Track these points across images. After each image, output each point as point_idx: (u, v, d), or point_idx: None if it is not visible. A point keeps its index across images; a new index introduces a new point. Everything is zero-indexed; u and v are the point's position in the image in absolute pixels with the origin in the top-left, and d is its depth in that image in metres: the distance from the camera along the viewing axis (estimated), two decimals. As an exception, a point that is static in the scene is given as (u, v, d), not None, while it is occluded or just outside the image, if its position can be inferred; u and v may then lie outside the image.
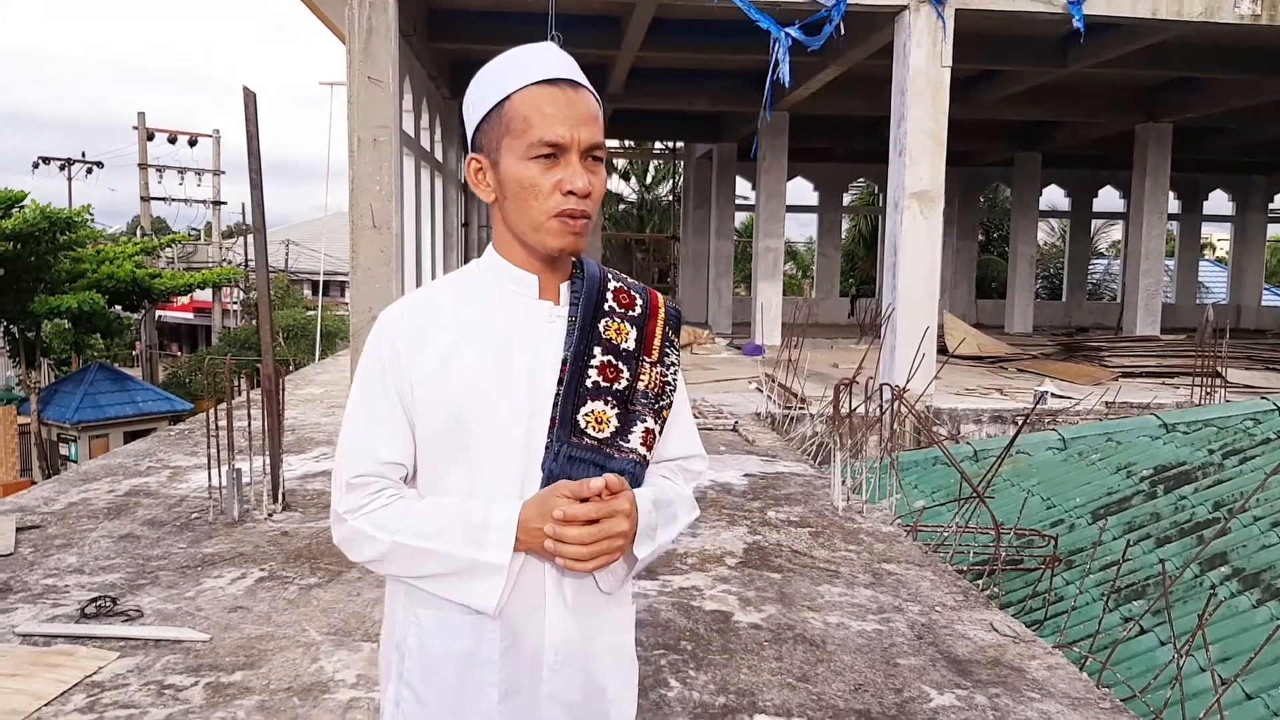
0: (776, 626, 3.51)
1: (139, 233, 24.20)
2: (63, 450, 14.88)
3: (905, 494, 5.84)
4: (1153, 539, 4.99)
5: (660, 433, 1.41)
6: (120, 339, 19.45)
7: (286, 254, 32.34)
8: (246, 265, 26.42)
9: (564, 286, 1.40)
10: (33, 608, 3.53)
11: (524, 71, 1.31)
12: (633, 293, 1.45)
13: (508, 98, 1.30)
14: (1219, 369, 10.12)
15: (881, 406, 6.24)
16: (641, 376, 1.40)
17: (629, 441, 1.37)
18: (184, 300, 28.64)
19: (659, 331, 1.44)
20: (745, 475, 6.00)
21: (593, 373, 1.36)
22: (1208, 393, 9.62)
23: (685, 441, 1.50)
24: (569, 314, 1.38)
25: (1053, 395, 9.91)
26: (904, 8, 9.16)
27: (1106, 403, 9.40)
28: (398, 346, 1.33)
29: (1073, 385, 10.90)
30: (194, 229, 32.14)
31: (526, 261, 1.36)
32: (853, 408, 6.05)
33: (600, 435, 1.35)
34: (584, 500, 1.27)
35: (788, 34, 8.89)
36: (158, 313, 23.60)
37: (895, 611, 3.68)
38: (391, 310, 1.38)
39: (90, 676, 2.96)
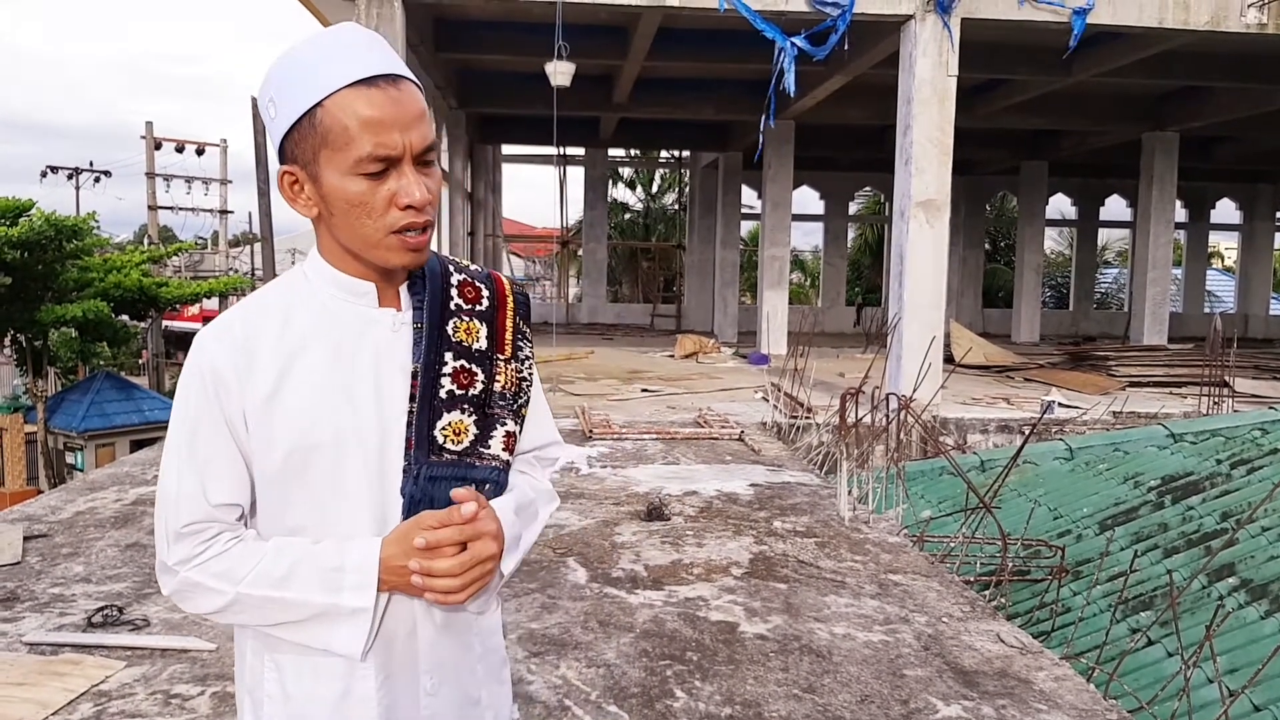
0: (782, 637, 3.50)
1: (146, 241, 24.29)
2: (69, 459, 14.93)
3: (911, 504, 5.83)
4: (1160, 549, 4.97)
5: (520, 433, 1.33)
6: (127, 347, 19.50)
7: (293, 262, 32.44)
8: (253, 274, 26.51)
9: (403, 289, 1.27)
10: (40, 617, 3.54)
11: (334, 69, 1.14)
12: (478, 283, 1.33)
13: (320, 103, 1.14)
14: (1227, 378, 10.09)
15: (888, 416, 6.23)
16: (497, 377, 1.30)
17: (490, 448, 1.28)
18: (194, 310, 28.74)
19: (509, 324, 1.33)
20: (751, 485, 6.00)
21: (446, 381, 1.25)
22: (1215, 402, 9.59)
23: (541, 431, 1.42)
24: (413, 319, 1.26)
25: (1060, 405, 9.89)
26: (910, 17, 9.19)
27: (1114, 412, 9.38)
28: (222, 374, 1.18)
29: (1080, 395, 10.88)
30: (201, 238, 32.32)
31: (362, 271, 1.23)
32: (859, 417, 6.04)
33: (460, 447, 1.25)
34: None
35: (793, 43, 8.92)
36: (164, 321, 23.68)
37: (902, 622, 3.67)
38: (210, 334, 1.22)
39: (97, 686, 2.96)
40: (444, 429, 1.25)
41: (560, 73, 10.17)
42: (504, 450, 1.29)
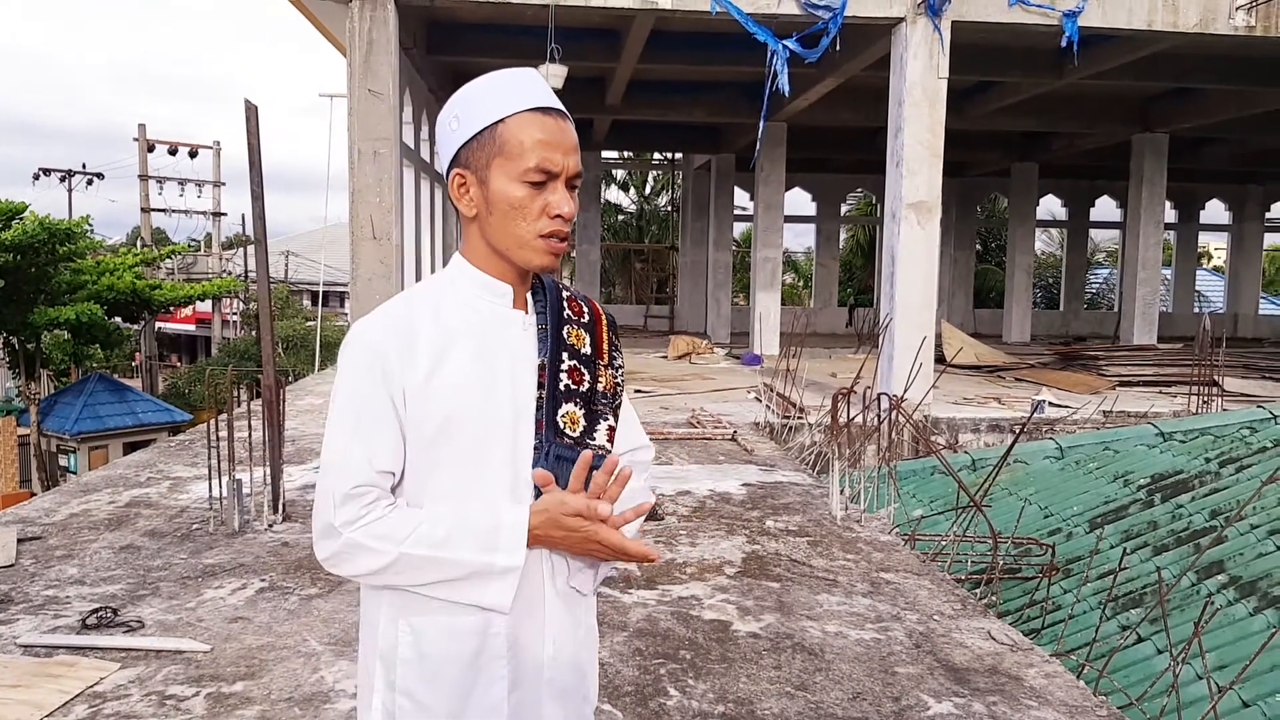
0: (775, 635, 3.52)
1: (139, 244, 24.22)
2: (62, 461, 14.89)
3: (903, 503, 5.86)
4: (1150, 547, 5.01)
5: (618, 428, 1.52)
6: (120, 350, 19.45)
7: (286, 265, 32.39)
8: (246, 276, 26.44)
9: (528, 296, 1.47)
10: (34, 619, 3.54)
11: (519, 97, 1.37)
12: (579, 301, 1.54)
13: (502, 120, 1.36)
14: (1216, 378, 10.15)
15: (879, 416, 6.26)
16: (600, 378, 1.50)
17: (595, 439, 1.46)
18: (187, 312, 28.65)
19: (605, 336, 1.54)
20: (744, 484, 6.02)
21: (563, 376, 1.45)
22: (1205, 401, 9.65)
23: (632, 434, 1.59)
24: (538, 322, 1.46)
25: (1050, 404, 9.93)
26: (901, 20, 9.23)
27: (1104, 411, 9.42)
28: (388, 355, 1.35)
29: (1070, 394, 10.93)
30: (194, 240, 32.23)
31: (502, 273, 1.43)
32: (851, 417, 6.07)
33: (575, 435, 1.44)
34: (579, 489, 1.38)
35: (785, 46, 8.95)
36: (157, 323, 23.61)
37: (893, 620, 3.69)
38: (374, 320, 1.40)
39: (92, 687, 2.97)
40: (563, 416, 1.44)
41: (553, 75, 10.18)
42: (607, 441, 1.48)
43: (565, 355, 1.46)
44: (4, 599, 3.74)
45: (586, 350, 1.49)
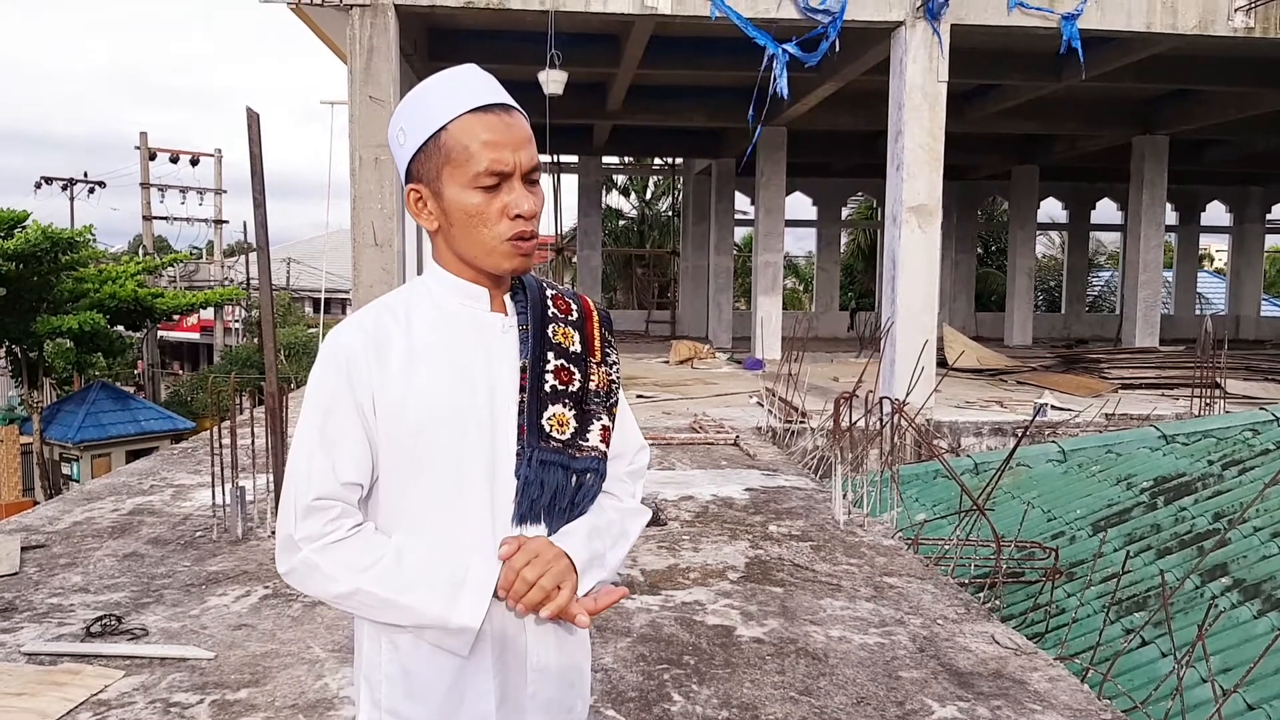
0: (779, 640, 3.52)
1: (141, 252, 24.27)
2: (65, 469, 14.90)
3: (906, 507, 5.85)
4: (1153, 550, 5.00)
5: (614, 428, 1.46)
6: (122, 358, 19.47)
7: (288, 272, 32.43)
8: (248, 284, 26.47)
9: (507, 298, 1.43)
10: (38, 627, 3.55)
11: (456, 99, 1.32)
12: (567, 299, 1.49)
13: (444, 127, 1.31)
14: (1218, 380, 10.15)
15: (882, 420, 6.27)
16: (591, 377, 1.45)
17: (588, 440, 1.42)
18: (190, 320, 28.69)
19: (597, 333, 1.49)
20: (746, 489, 6.02)
21: (549, 377, 1.40)
22: (1207, 404, 9.64)
23: (628, 436, 1.54)
24: (518, 323, 1.41)
25: (1052, 407, 9.93)
26: (900, 24, 9.24)
27: (1106, 414, 9.42)
28: (357, 363, 1.31)
29: (1072, 397, 10.92)
30: (196, 248, 32.24)
31: (475, 278, 1.39)
32: (853, 421, 6.07)
33: (563, 437, 1.39)
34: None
35: (785, 50, 8.97)
36: (159, 331, 23.65)
37: (897, 624, 3.69)
38: (345, 328, 1.36)
39: (96, 695, 2.97)
40: (549, 419, 1.39)
41: (553, 81, 10.21)
42: (601, 442, 1.43)
43: (551, 355, 1.41)
44: (8, 607, 3.74)
45: (576, 348, 1.44)
